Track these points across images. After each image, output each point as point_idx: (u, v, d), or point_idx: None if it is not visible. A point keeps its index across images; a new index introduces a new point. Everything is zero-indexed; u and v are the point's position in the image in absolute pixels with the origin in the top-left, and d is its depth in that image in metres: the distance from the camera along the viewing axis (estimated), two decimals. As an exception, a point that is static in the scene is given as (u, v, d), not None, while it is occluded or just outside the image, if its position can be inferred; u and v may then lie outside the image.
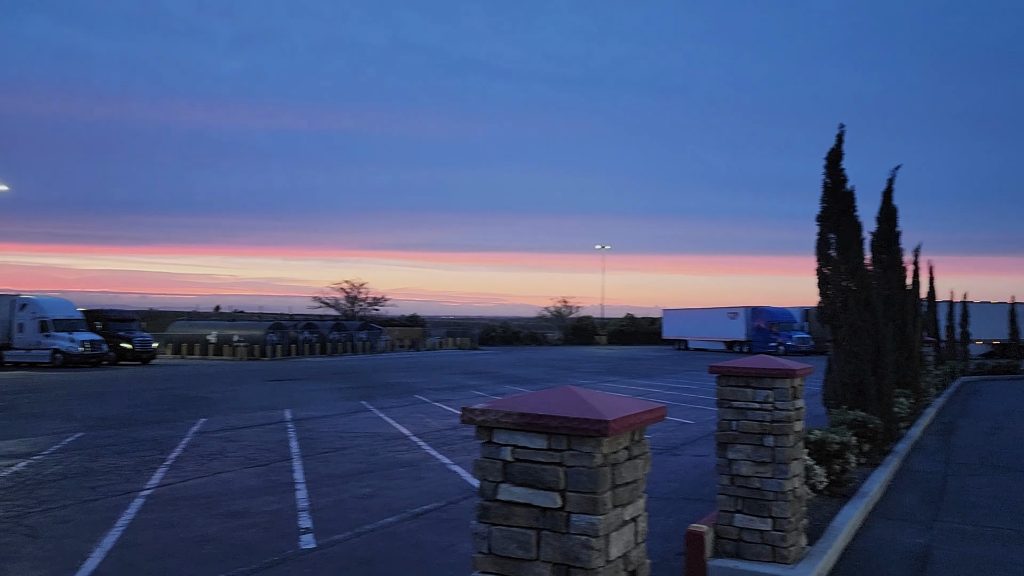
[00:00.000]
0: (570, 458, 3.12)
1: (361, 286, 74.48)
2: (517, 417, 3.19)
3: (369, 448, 12.55)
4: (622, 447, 3.26)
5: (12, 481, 9.74)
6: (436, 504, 8.69)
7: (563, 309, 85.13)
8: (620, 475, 3.23)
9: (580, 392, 3.40)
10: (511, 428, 3.22)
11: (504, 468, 3.25)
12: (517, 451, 3.23)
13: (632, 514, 3.36)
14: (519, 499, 3.19)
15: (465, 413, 3.32)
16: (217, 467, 10.79)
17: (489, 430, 3.29)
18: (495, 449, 3.28)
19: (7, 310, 37.69)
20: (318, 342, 51.95)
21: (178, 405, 19.08)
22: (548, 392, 3.47)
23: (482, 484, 3.30)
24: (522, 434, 3.21)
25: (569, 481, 3.11)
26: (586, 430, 3.04)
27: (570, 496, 3.11)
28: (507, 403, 3.31)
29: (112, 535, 7.27)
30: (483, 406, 3.29)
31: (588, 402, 3.22)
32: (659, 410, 3.52)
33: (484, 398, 21.03)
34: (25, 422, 15.81)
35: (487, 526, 3.25)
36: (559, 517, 3.11)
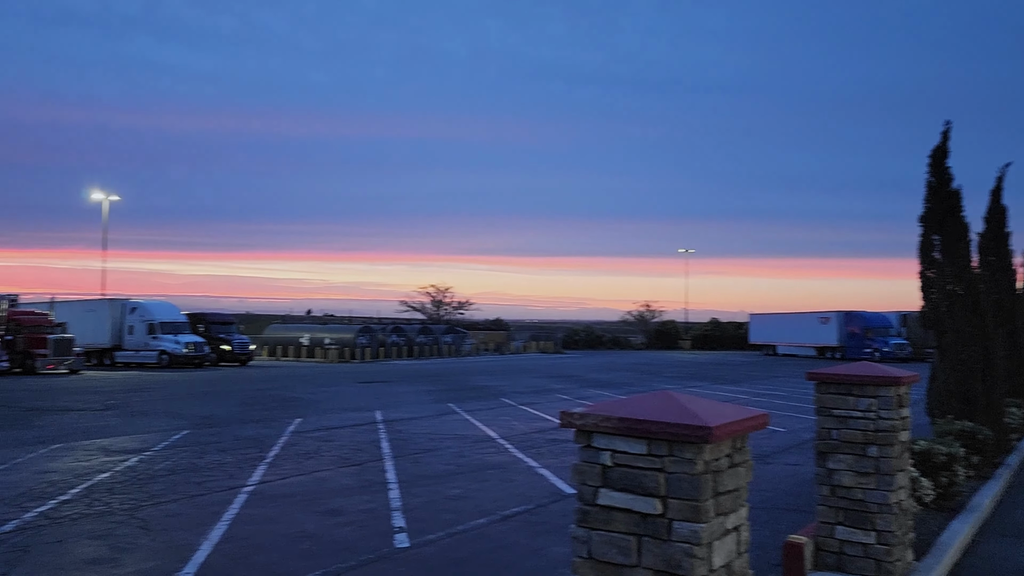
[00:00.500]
0: (671, 464, 3.10)
1: (446, 290, 75.62)
2: (616, 422, 3.19)
3: (458, 450, 12.71)
4: (724, 454, 3.22)
5: (126, 476, 10.29)
6: (525, 507, 8.73)
7: (646, 313, 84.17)
8: (722, 483, 3.18)
9: (680, 397, 3.37)
10: (610, 433, 3.22)
11: (603, 473, 3.25)
12: (616, 456, 3.22)
13: (735, 523, 3.31)
14: (619, 504, 3.19)
15: (564, 417, 3.34)
16: (313, 466, 11.13)
17: (588, 434, 3.30)
18: (594, 453, 3.29)
19: (119, 314, 39.86)
20: (405, 345, 52.93)
21: (275, 405, 19.77)
22: (646, 396, 3.46)
23: (581, 488, 3.31)
24: (621, 439, 3.21)
25: (670, 487, 3.09)
26: (687, 436, 3.01)
27: (671, 503, 3.09)
28: (606, 407, 3.31)
29: (219, 529, 7.59)
30: (582, 410, 3.30)
31: (689, 408, 3.19)
32: (761, 417, 3.46)
33: (568, 402, 21.00)
34: (136, 419, 16.68)
35: (587, 530, 3.26)
36: (660, 524, 3.09)
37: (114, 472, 10.52)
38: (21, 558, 6.62)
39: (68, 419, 16.71)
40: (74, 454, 12.04)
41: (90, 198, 51.43)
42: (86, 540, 7.21)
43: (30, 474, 10.38)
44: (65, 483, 9.77)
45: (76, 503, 8.67)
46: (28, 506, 8.49)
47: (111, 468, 10.81)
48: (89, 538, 7.27)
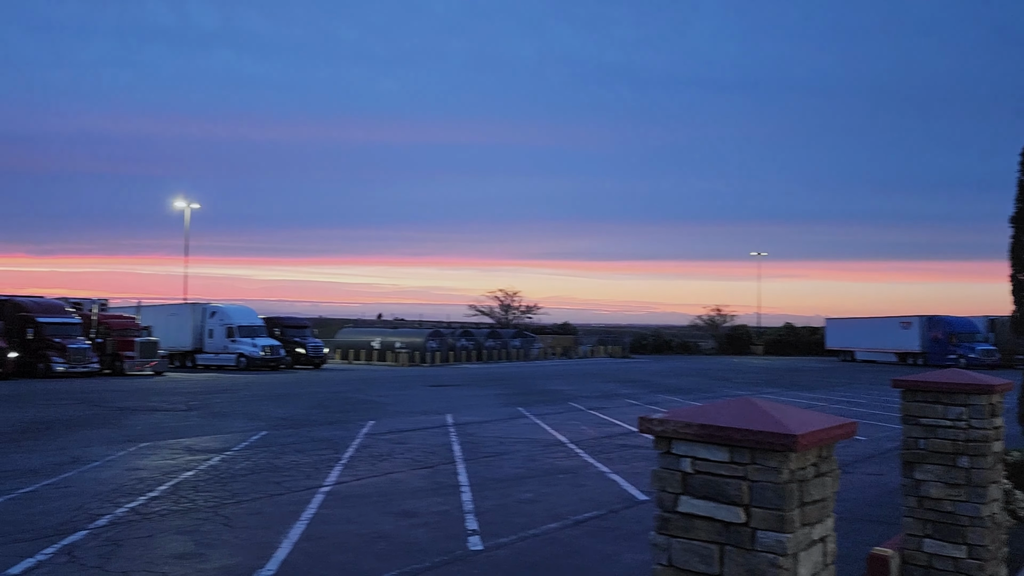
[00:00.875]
0: (754, 472, 3.05)
1: (514, 294, 75.79)
2: (697, 428, 3.15)
3: (528, 453, 12.73)
4: (810, 463, 3.15)
5: (209, 474, 10.66)
6: (597, 512, 8.69)
7: (716, 318, 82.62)
8: (808, 492, 3.11)
9: (762, 404, 3.31)
10: (690, 439, 3.18)
11: (684, 480, 3.22)
12: (697, 463, 3.19)
13: (821, 534, 3.23)
14: (700, 512, 3.15)
15: (643, 423, 3.32)
16: (387, 468, 11.32)
17: (668, 440, 3.27)
18: (674, 460, 3.25)
19: (199, 317, 41.29)
20: (474, 349, 53.31)
21: (348, 408, 20.18)
22: (728, 403, 3.40)
23: (660, 495, 3.28)
24: (702, 446, 3.17)
25: (754, 496, 3.03)
26: (771, 444, 2.95)
27: (755, 512, 3.03)
28: (686, 414, 3.28)
29: (297, 528, 7.79)
30: (661, 416, 3.28)
31: (772, 415, 3.14)
32: (849, 425, 3.37)
33: (638, 407, 20.81)
34: (217, 420, 17.26)
35: (667, 538, 3.23)
36: (744, 533, 3.04)
37: (198, 471, 10.90)
38: (115, 551, 6.92)
39: (154, 419, 17.39)
40: (161, 453, 12.52)
41: (173, 206, 53.49)
42: (174, 535, 7.49)
43: (121, 471, 10.85)
44: (153, 480, 10.17)
45: (164, 500, 9.02)
46: (120, 502, 8.87)
47: (195, 467, 11.20)
48: (177, 533, 7.55)
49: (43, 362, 32.52)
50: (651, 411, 21.75)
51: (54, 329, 33.72)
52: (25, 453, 12.35)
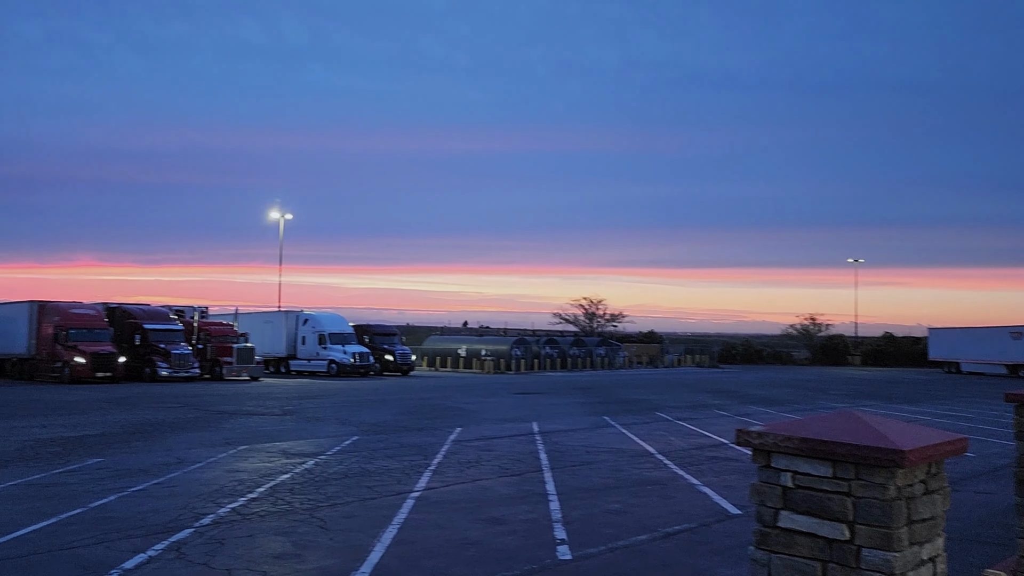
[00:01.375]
0: (859, 488, 2.95)
1: (599, 302, 75.47)
2: (798, 442, 3.08)
3: (615, 464, 12.63)
4: (918, 480, 3.03)
5: (305, 478, 11.00)
6: (688, 525, 8.55)
7: (811, 327, 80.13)
8: (916, 510, 2.99)
9: (866, 417, 3.20)
10: (791, 453, 3.11)
11: (784, 494, 3.14)
12: (798, 477, 3.11)
13: (930, 554, 3.10)
14: (802, 528, 3.07)
15: (740, 435, 3.26)
16: (475, 474, 11.43)
17: (767, 454, 3.20)
18: (773, 474, 3.18)
19: (292, 325, 42.69)
20: (559, 357, 53.27)
21: (436, 414, 20.47)
22: (830, 416, 3.31)
23: (760, 509, 3.21)
24: (803, 460, 3.09)
25: (858, 513, 2.94)
26: (877, 459, 2.86)
27: (860, 529, 2.94)
28: (786, 427, 3.20)
29: (390, 532, 7.95)
30: (760, 428, 3.21)
31: (877, 429, 3.03)
32: (959, 441, 3.23)
33: (728, 418, 20.35)
34: (310, 425, 17.79)
35: (767, 553, 3.16)
36: (848, 550, 2.95)
37: (294, 474, 11.26)
38: (218, 550, 7.23)
39: (252, 423, 18.07)
40: (258, 455, 13.00)
41: (268, 217, 55.56)
42: (273, 536, 7.76)
43: (222, 472, 11.31)
44: (252, 482, 10.56)
45: (262, 501, 9.36)
46: (222, 502, 9.25)
47: (291, 470, 11.58)
48: (275, 534, 7.83)
49: (149, 366, 34.26)
50: (742, 423, 21.23)
51: (159, 335, 35.50)
52: (135, 453, 13.02)
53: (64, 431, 15.95)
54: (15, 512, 8.60)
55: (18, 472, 11.12)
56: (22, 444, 13.97)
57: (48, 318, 34.03)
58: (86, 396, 25.26)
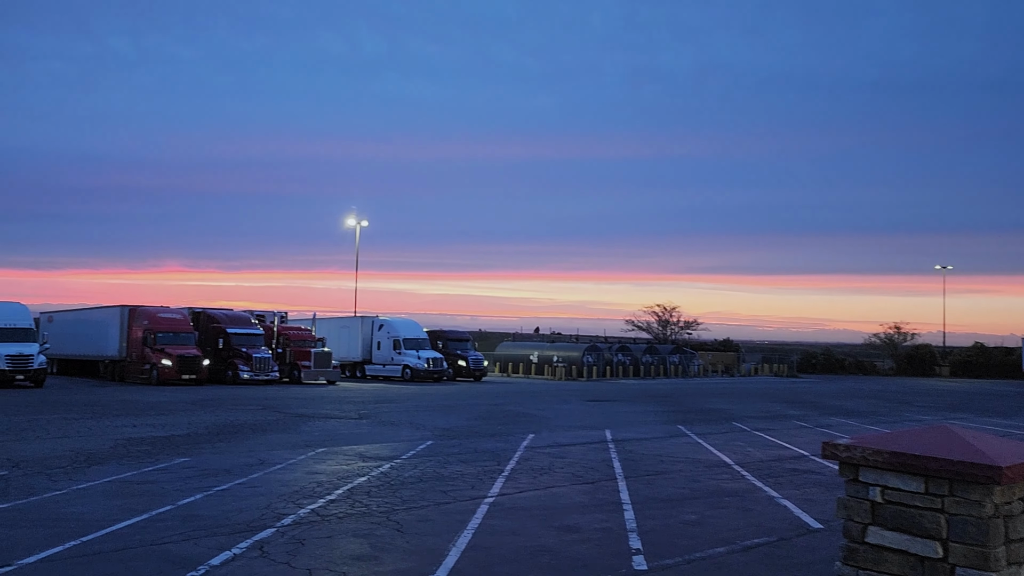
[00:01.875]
0: (953, 505, 2.84)
1: (673, 309, 74.46)
2: (888, 456, 2.98)
3: (691, 474, 12.44)
4: (1016, 498, 2.90)
5: (381, 481, 11.19)
6: (767, 539, 8.35)
7: (895, 336, 77.26)
8: (1015, 529, 2.86)
9: (960, 431, 3.08)
10: (881, 467, 3.02)
11: (872, 509, 3.05)
12: (888, 492, 3.01)
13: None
14: (891, 544, 2.97)
15: (827, 448, 3.18)
16: (548, 481, 11.42)
17: (855, 467, 3.11)
18: (861, 488, 3.09)
19: (368, 330, 43.52)
20: (631, 364, 52.78)
21: (508, 420, 20.55)
22: (921, 430, 3.20)
23: (847, 524, 3.12)
24: (894, 475, 2.99)
25: (952, 530, 2.83)
26: (974, 476, 2.74)
27: (954, 547, 2.83)
28: (875, 440, 3.11)
29: (464, 536, 8.02)
30: (848, 441, 3.13)
31: (973, 444, 2.92)
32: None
33: (808, 429, 19.80)
34: (386, 429, 18.10)
35: (854, 569, 3.08)
36: (941, 568, 2.84)
37: (370, 477, 11.47)
38: (299, 550, 7.42)
39: (329, 426, 18.49)
40: (336, 458, 13.29)
41: (344, 224, 56.82)
42: (351, 537, 7.93)
43: (302, 474, 11.61)
44: (331, 484, 10.81)
45: (340, 503, 9.56)
46: (302, 503, 9.50)
47: (367, 473, 11.80)
48: (353, 536, 7.99)
49: (231, 369, 35.44)
50: (823, 435, 20.66)
51: (241, 339, 36.68)
52: (219, 454, 13.49)
53: (153, 431, 16.64)
54: (111, 508, 9.02)
55: (112, 469, 11.66)
56: (115, 443, 14.64)
57: (138, 322, 35.56)
58: (172, 397, 26.30)
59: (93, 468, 11.77)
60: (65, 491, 10.00)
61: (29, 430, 16.39)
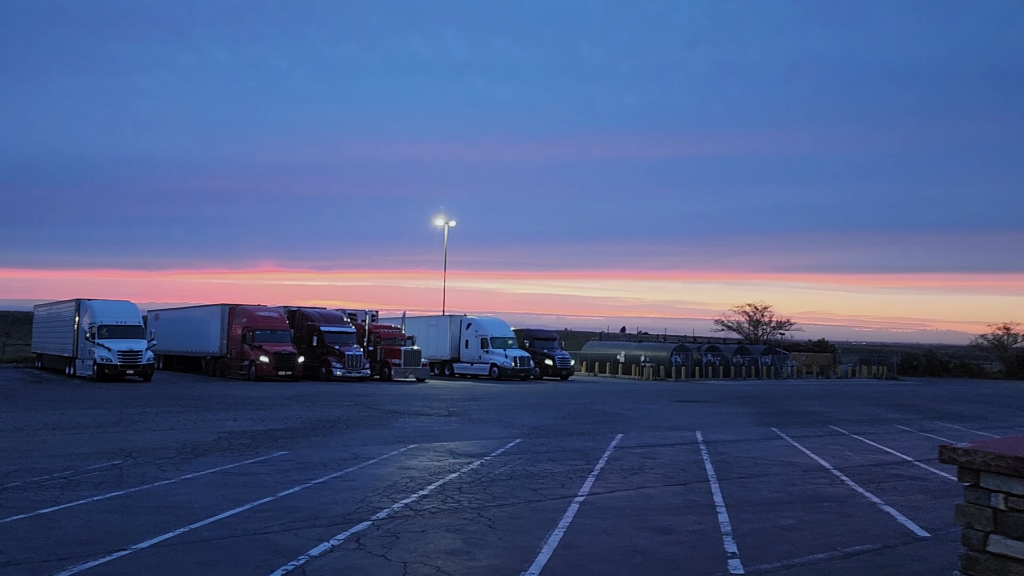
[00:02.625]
0: (1087, 515, 2.66)
1: (764, 309, 72.54)
2: (1013, 461, 2.82)
3: (786, 477, 12.09)
4: None
5: (472, 477, 11.31)
6: (870, 546, 8.03)
7: (1004, 337, 73.08)
8: None
9: (1095, 438, 2.89)
10: (1005, 473, 2.85)
11: (995, 517, 2.89)
12: (1011, 500, 2.85)
13: None
14: (1016, 554, 2.81)
15: (944, 452, 3.03)
16: (638, 482, 11.31)
17: (975, 473, 2.95)
18: (983, 495, 2.93)
19: (456, 329, 44.05)
20: (721, 365, 51.69)
21: (596, 419, 20.44)
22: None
23: (966, 532, 2.97)
24: (1019, 481, 2.82)
25: (1086, 542, 2.65)
26: (1111, 484, 2.57)
27: (1088, 560, 2.65)
28: (998, 444, 2.94)
29: (556, 535, 8.02)
30: (967, 446, 2.97)
31: (1110, 451, 2.73)
32: None
33: (911, 434, 18.95)
34: (475, 426, 18.29)
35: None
36: (1073, 583, 2.67)
37: (461, 473, 11.61)
38: (394, 543, 7.57)
39: (420, 422, 18.81)
40: (427, 454, 13.51)
41: (433, 224, 57.67)
42: (444, 532, 8.04)
43: (395, 469, 11.85)
44: (423, 479, 10.99)
45: (433, 498, 9.71)
46: (396, 498, 9.69)
47: (458, 469, 11.95)
48: (446, 531, 8.10)
49: (324, 366, 36.50)
50: (927, 439, 19.81)
51: (334, 337, 37.73)
52: (315, 448, 13.91)
53: (252, 425, 17.30)
54: (216, 498, 9.42)
55: (216, 461, 12.18)
56: (218, 436, 15.28)
57: (237, 320, 37.02)
58: (270, 393, 27.28)
59: (199, 459, 12.32)
60: (174, 480, 10.50)
61: (140, 422, 17.30)
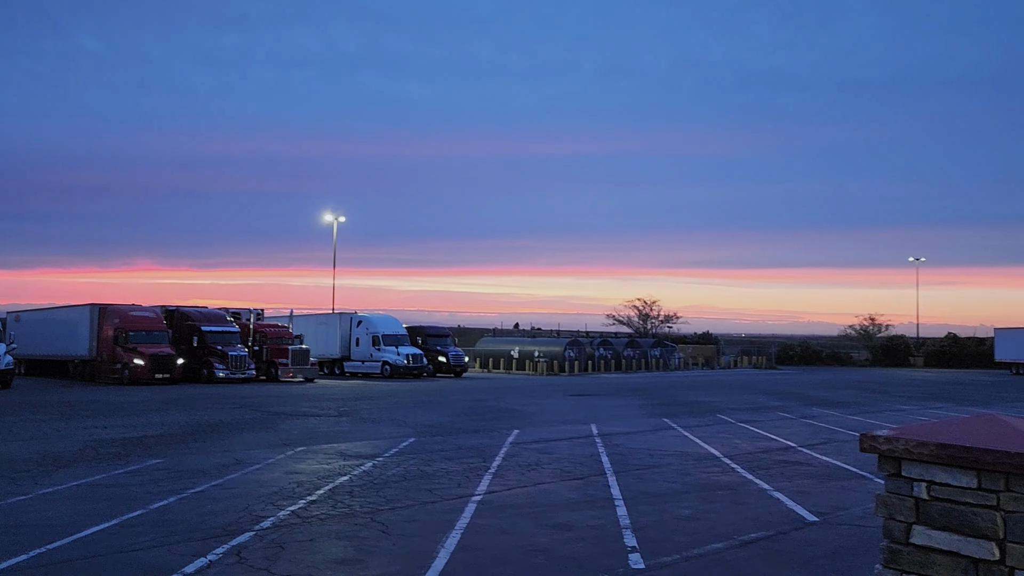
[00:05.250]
0: (1010, 502, 2.57)
1: (653, 303, 74.58)
2: (935, 448, 2.71)
3: (680, 467, 12.21)
4: (1079, 492, 2.64)
5: (363, 480, 10.83)
6: (765, 533, 8.11)
7: (870, 327, 78.03)
8: (1077, 527, 2.61)
9: (1013, 421, 2.81)
10: (926, 461, 2.74)
11: (917, 507, 2.77)
12: (934, 488, 2.74)
13: (1092, 577, 2.70)
14: (940, 545, 2.70)
15: (865, 440, 2.91)
16: (536, 478, 11.12)
17: (896, 461, 2.83)
18: (904, 484, 2.82)
19: (346, 327, 42.96)
20: (613, 358, 52.68)
21: (491, 416, 20.23)
22: (967, 419, 2.93)
23: (888, 523, 2.85)
24: (941, 469, 2.72)
25: (1010, 530, 2.56)
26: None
27: (1012, 548, 2.55)
28: (919, 431, 2.83)
29: (453, 537, 7.70)
30: (889, 433, 2.85)
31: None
32: (1122, 448, 2.81)
33: (792, 420, 19.69)
34: (366, 426, 17.70)
35: (897, 572, 2.80)
36: (998, 572, 2.57)
37: (352, 476, 11.11)
38: (279, 554, 7.05)
39: (308, 424, 18.06)
40: (316, 457, 12.89)
41: (322, 220, 56.17)
42: (334, 540, 7.57)
43: (281, 474, 11.21)
44: (311, 484, 10.43)
45: (322, 504, 9.20)
46: (281, 504, 9.11)
47: (349, 472, 11.43)
48: (336, 538, 7.63)
49: (206, 368, 34.78)
50: (807, 425, 20.51)
51: (216, 337, 36.01)
52: (194, 454, 13.04)
53: (124, 432, 16.12)
54: (79, 513, 8.58)
55: (81, 472, 11.19)
56: (84, 444, 14.12)
57: (108, 321, 34.77)
58: (145, 397, 25.68)
59: (61, 471, 11.29)
60: (30, 496, 9.54)
61: (-5, 433, 15.81)
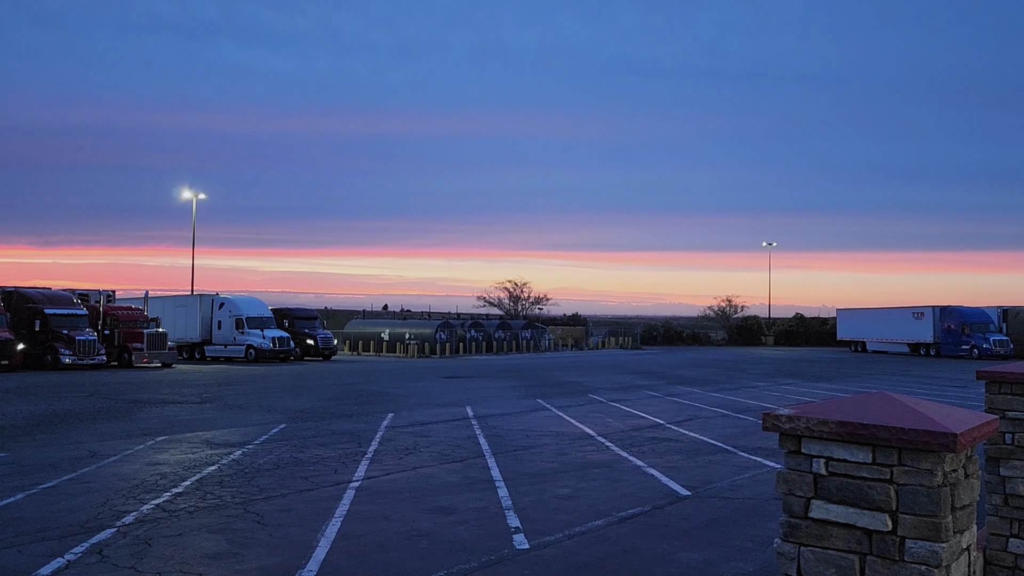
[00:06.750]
0: (902, 475, 2.70)
1: (523, 285, 75.48)
2: (835, 426, 2.81)
3: (557, 447, 12.41)
4: (961, 465, 2.81)
5: (233, 469, 10.34)
6: (641, 508, 8.36)
7: (727, 308, 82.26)
8: (959, 497, 2.77)
9: (902, 398, 2.97)
10: (826, 438, 2.84)
11: (816, 482, 2.88)
12: (833, 464, 2.84)
13: (968, 542, 2.89)
14: (837, 518, 2.81)
15: (768, 419, 2.98)
16: (415, 462, 10.99)
17: (796, 439, 2.92)
18: (804, 461, 2.91)
19: (208, 309, 40.97)
20: (484, 340, 53.00)
21: (364, 400, 19.86)
22: (864, 398, 3.06)
23: (788, 499, 2.94)
24: (839, 445, 2.82)
25: (902, 501, 2.69)
26: (927, 444, 2.61)
27: (903, 519, 2.69)
28: (819, 409, 2.94)
29: (333, 525, 7.47)
30: (790, 412, 2.94)
31: (919, 411, 2.80)
32: (994, 422, 3.03)
33: (659, 398, 20.48)
34: (233, 413, 16.95)
35: (795, 546, 2.89)
36: (890, 542, 2.70)
37: (220, 465, 10.59)
38: (145, 551, 6.61)
39: (169, 412, 17.09)
40: (180, 447, 12.21)
41: (179, 197, 53.17)
42: (205, 533, 7.17)
43: (142, 466, 10.54)
44: (176, 475, 9.86)
45: (190, 496, 8.71)
46: (144, 498, 8.55)
47: (217, 461, 10.89)
48: (208, 532, 7.24)
49: (50, 354, 32.26)
50: (674, 403, 21.27)
51: (61, 321, 33.44)
52: (41, 447, 12.05)
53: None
54: (-93, 516, 7.72)
55: (-92, 470, 10.09)
56: (-89, 439, 12.76)
57: (-64, 303, 31.59)
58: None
59: None
60: None
61: None
